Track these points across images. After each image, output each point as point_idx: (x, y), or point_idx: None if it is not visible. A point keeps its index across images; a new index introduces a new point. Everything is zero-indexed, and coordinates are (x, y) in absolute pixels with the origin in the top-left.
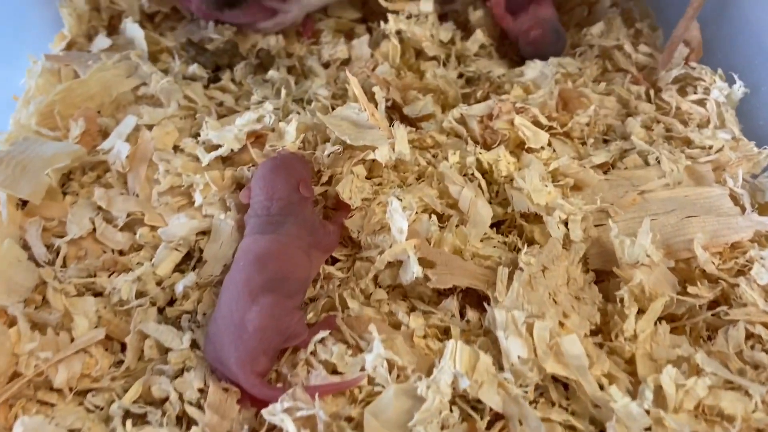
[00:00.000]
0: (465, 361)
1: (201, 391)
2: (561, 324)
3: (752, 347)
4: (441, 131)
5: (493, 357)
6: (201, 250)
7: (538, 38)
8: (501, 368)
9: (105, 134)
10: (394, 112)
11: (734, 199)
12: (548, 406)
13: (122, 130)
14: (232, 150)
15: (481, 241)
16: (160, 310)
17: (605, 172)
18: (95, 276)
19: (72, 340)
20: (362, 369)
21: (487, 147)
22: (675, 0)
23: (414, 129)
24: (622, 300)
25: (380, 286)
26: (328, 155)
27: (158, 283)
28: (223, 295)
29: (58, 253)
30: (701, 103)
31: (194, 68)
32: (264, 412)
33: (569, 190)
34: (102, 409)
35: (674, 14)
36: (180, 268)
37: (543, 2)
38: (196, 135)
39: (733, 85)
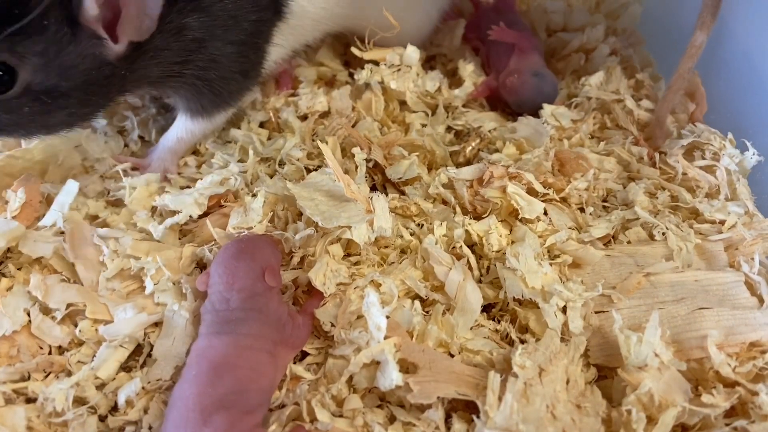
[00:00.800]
0: None
1: None
2: None
3: None
4: (427, 197)
5: None
6: (151, 345)
7: (515, 85)
8: None
9: (50, 202)
10: (376, 173)
11: (750, 286)
12: None
13: (64, 200)
14: (190, 217)
15: (471, 329)
16: (102, 418)
17: (606, 244)
18: (28, 379)
19: None
20: None
21: (477, 215)
22: (677, 47)
23: (397, 195)
24: (629, 411)
25: (355, 390)
26: (300, 238)
27: (100, 387)
28: (171, 413)
29: None
30: (710, 169)
31: (154, 128)
32: None
33: (567, 268)
34: None
35: (677, 62)
36: (127, 365)
37: (524, 53)
38: (152, 208)
39: (745, 152)
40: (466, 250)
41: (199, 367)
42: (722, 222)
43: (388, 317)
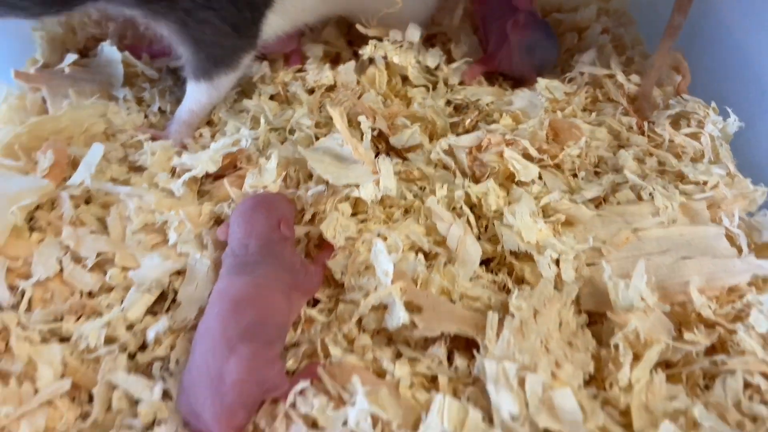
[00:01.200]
0: (453, 417)
1: None
2: (553, 375)
3: (750, 398)
4: (429, 162)
5: (483, 410)
6: (175, 291)
7: (528, 22)
8: (491, 421)
9: (75, 164)
10: (381, 142)
11: (730, 239)
12: None
13: (90, 161)
14: (207, 174)
15: (470, 280)
16: (131, 356)
17: (597, 206)
18: (62, 320)
19: (36, 391)
20: (344, 424)
21: (476, 179)
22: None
23: (401, 160)
24: (616, 347)
25: (364, 330)
26: (311, 195)
27: (129, 328)
28: (198, 345)
29: (23, 296)
30: (695, 136)
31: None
32: None
33: (560, 226)
34: None
35: None
36: (153, 310)
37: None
38: (171, 170)
39: (728, 119)
40: (466, 210)
41: (222, 303)
42: (705, 183)
43: (394, 265)
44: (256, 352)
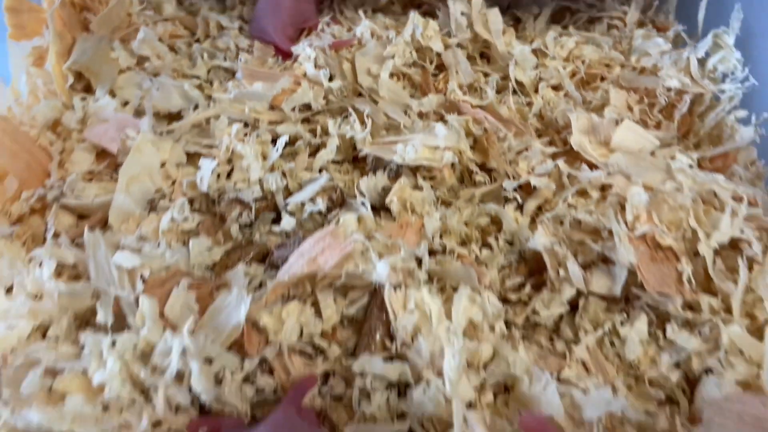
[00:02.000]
0: (421, 23)
1: (249, 46)
2: None
3: (613, 35)
4: None
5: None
6: None
7: None
8: (448, 35)
9: None
10: None
11: None
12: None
13: None
14: None
15: None
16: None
17: None
18: None
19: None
20: (354, 36)
21: None
22: None
23: None
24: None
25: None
26: None
27: None
28: None
29: None
30: None
31: None
32: (293, 48)
33: None
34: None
35: None
36: None
37: None
38: None
39: None
40: None
41: None
42: None
43: None
44: None
